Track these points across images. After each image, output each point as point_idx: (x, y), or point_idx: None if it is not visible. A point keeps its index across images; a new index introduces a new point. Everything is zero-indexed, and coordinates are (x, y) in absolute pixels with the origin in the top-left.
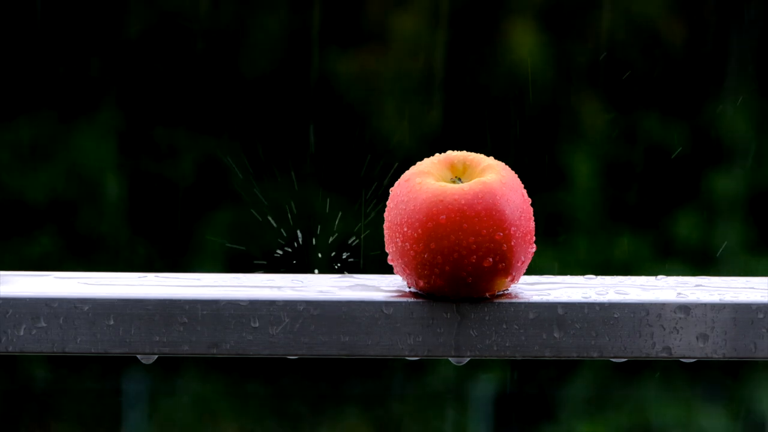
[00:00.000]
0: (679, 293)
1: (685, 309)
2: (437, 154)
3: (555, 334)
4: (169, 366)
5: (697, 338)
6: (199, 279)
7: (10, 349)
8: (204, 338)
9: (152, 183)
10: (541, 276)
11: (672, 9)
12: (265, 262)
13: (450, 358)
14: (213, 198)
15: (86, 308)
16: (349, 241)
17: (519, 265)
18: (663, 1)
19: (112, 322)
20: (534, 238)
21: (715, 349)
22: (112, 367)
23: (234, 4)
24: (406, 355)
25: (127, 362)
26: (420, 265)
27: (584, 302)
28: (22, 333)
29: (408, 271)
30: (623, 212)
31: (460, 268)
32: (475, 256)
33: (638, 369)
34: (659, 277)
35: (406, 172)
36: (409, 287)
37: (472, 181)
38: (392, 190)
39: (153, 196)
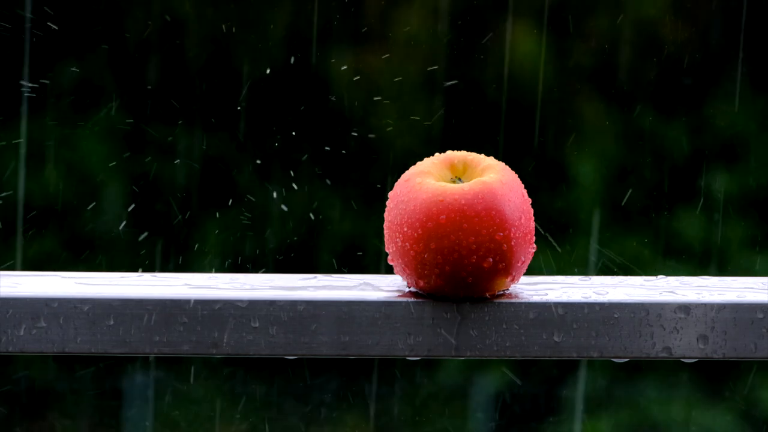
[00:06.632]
0: (679, 293)
1: (685, 309)
2: (437, 154)
3: (555, 334)
4: (169, 366)
5: (697, 338)
6: (198, 279)
7: (10, 349)
8: (204, 338)
9: (153, 183)
10: (541, 276)
11: (672, 8)
12: (265, 263)
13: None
14: (214, 198)
15: (86, 308)
16: (349, 242)
17: (519, 265)
18: (664, 1)
19: (112, 322)
20: (534, 238)
21: (715, 349)
22: (112, 367)
23: (235, 4)
24: (406, 355)
25: (127, 362)
26: (420, 265)
27: (584, 302)
28: (22, 333)
29: (408, 271)
30: (624, 212)
31: (460, 268)
32: (475, 256)
33: (638, 369)
34: (659, 277)
35: (406, 172)
36: (409, 287)
37: (472, 181)
38: (392, 190)
39: (153, 195)
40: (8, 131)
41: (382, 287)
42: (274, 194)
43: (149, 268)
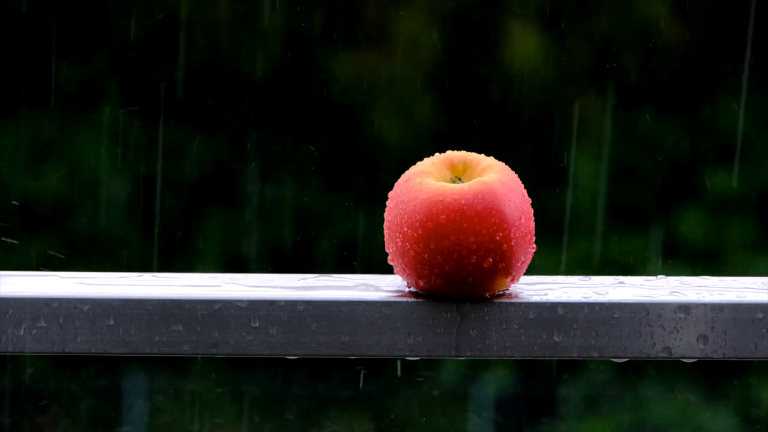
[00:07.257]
0: (679, 293)
1: (685, 309)
2: (437, 154)
3: (555, 334)
4: (169, 366)
5: (697, 338)
6: (198, 279)
7: (10, 349)
8: (204, 338)
9: (153, 183)
10: (541, 276)
11: (672, 8)
12: (264, 263)
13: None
14: (214, 198)
15: (86, 308)
16: (349, 242)
17: (519, 265)
18: (664, 1)
19: (112, 322)
20: (534, 238)
21: (715, 349)
22: (112, 367)
23: (234, 4)
24: (406, 355)
25: (127, 362)
26: (420, 265)
27: (584, 302)
28: (22, 333)
29: (408, 271)
30: (624, 211)
31: (460, 268)
32: (475, 256)
33: (638, 369)
34: (659, 277)
35: (406, 172)
36: (409, 287)
37: (472, 181)
38: (392, 190)
39: (154, 196)
40: (8, 131)
41: (382, 287)
42: (274, 194)
43: (149, 268)
